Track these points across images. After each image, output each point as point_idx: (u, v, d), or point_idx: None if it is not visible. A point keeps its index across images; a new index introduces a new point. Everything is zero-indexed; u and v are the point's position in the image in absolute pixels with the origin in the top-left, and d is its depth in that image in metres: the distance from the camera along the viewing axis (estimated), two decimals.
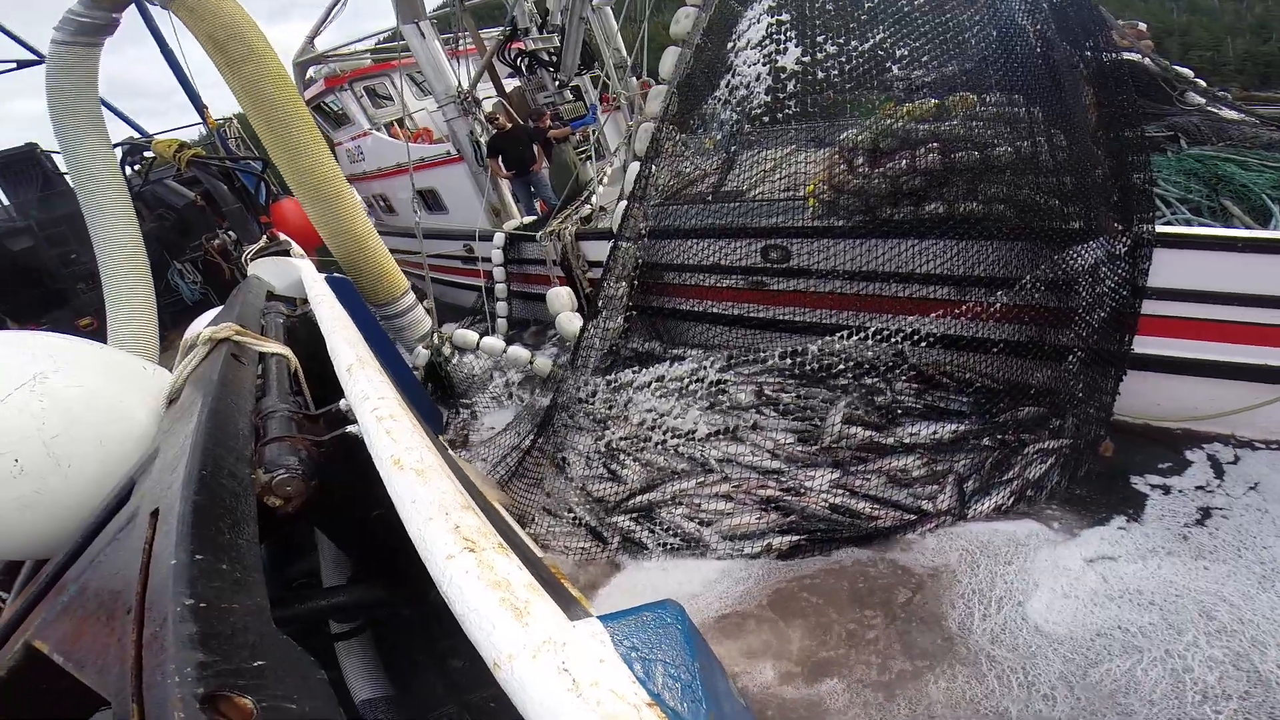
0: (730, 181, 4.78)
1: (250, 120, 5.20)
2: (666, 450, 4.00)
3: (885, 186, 4.00)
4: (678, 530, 3.64)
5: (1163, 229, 3.63)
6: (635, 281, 4.94)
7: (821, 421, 3.86)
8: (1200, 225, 3.80)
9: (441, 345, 6.23)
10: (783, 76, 4.02)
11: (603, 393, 4.50)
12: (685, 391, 4.27)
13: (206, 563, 0.84)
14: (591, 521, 3.83)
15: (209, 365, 1.70)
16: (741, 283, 4.74)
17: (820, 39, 3.94)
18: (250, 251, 3.95)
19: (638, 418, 4.22)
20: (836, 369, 4.03)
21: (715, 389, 4.21)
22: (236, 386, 1.56)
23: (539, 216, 7.81)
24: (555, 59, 8.28)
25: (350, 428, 1.38)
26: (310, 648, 0.81)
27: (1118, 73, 4.16)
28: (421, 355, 6.10)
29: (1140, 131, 4.08)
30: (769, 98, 4.07)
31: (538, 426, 4.53)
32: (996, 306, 3.71)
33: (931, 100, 3.93)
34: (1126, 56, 5.10)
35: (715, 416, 4.05)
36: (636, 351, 5.08)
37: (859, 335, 3.99)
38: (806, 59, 3.95)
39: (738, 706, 0.80)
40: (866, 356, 4.00)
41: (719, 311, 4.96)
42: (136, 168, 9.15)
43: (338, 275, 4.93)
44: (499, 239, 7.48)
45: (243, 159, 9.26)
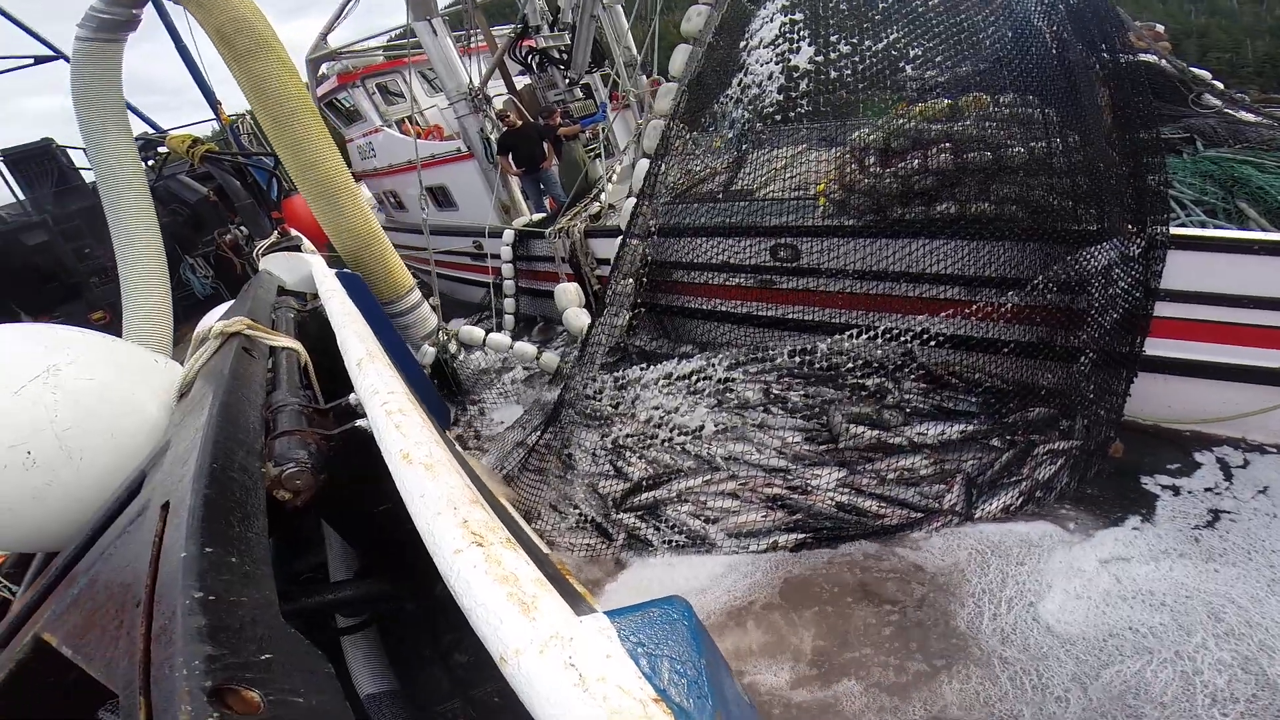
0: (740, 180, 4.77)
1: (256, 115, 5.24)
2: (673, 448, 4.00)
3: (896, 186, 3.98)
4: (683, 528, 3.63)
5: (1177, 231, 3.59)
6: (643, 279, 4.93)
7: (828, 420, 3.84)
8: (1215, 227, 3.76)
9: (448, 342, 6.24)
10: (795, 75, 4.00)
11: (610, 390, 4.50)
12: (693, 389, 4.26)
13: (216, 556, 0.84)
14: (597, 518, 3.83)
15: (220, 359, 1.71)
16: (750, 281, 4.73)
17: (834, 38, 3.92)
18: (262, 247, 3.98)
19: (645, 415, 4.21)
20: (845, 368, 4.01)
21: (722, 387, 4.20)
22: (247, 380, 1.57)
23: (548, 214, 7.82)
24: (566, 57, 8.29)
25: (359, 422, 1.38)
26: (316, 641, 0.81)
27: (1134, 74, 4.12)
28: (429, 354, 6.11)
29: (1156, 133, 4.03)
30: (781, 97, 4.06)
31: (544, 422, 4.53)
32: (1007, 307, 3.68)
33: (944, 100, 3.90)
34: (1143, 58, 5.05)
35: (722, 414, 4.04)
36: (644, 349, 5.08)
37: (868, 335, 3.97)
38: (819, 58, 3.93)
39: (743, 703, 0.79)
40: (875, 356, 3.98)
41: (728, 310, 4.95)
42: (150, 163, 9.26)
43: (348, 271, 4.95)
44: (508, 236, 7.50)
45: (255, 155, 9.33)
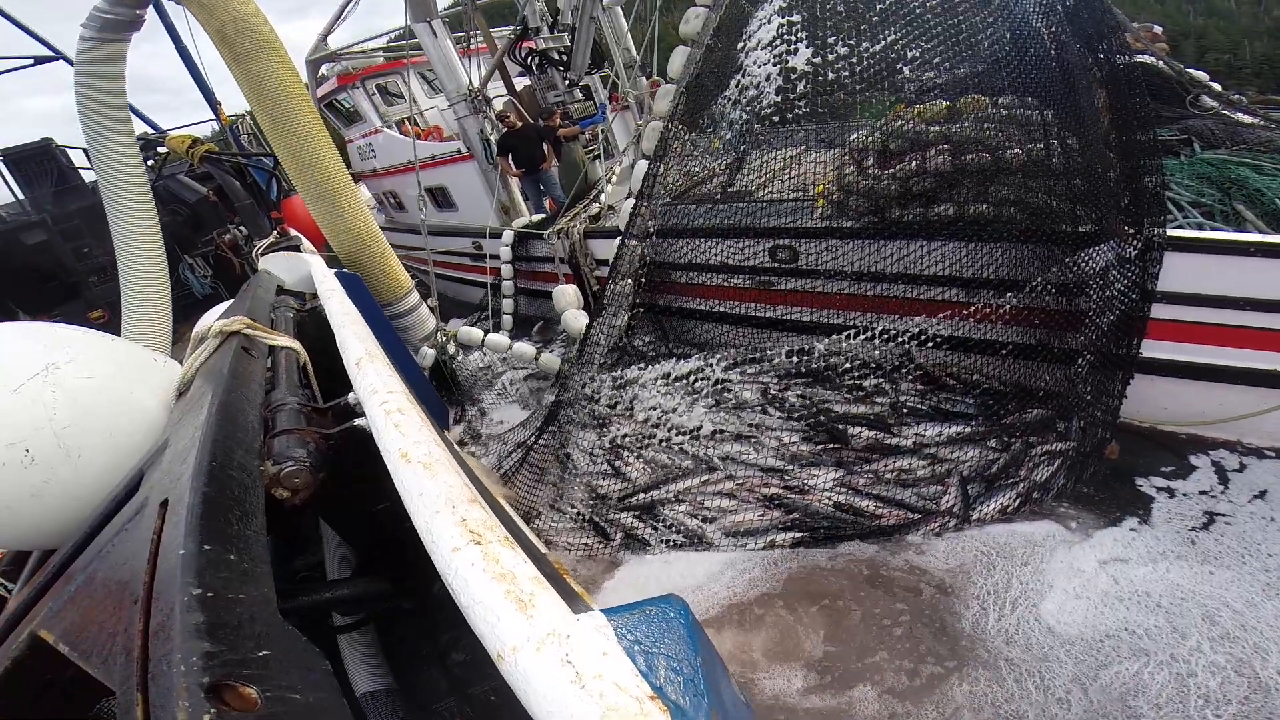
0: (739, 181, 4.78)
1: (256, 115, 5.23)
2: (671, 448, 4.00)
3: (894, 188, 3.99)
4: (681, 527, 3.64)
5: (1174, 233, 3.60)
6: (642, 279, 4.93)
7: (826, 419, 3.84)
8: (1212, 229, 3.77)
9: (446, 343, 6.24)
10: (793, 77, 4.01)
11: (607, 390, 4.50)
12: (691, 389, 4.27)
13: (214, 553, 0.84)
14: (595, 518, 3.84)
15: (219, 358, 1.71)
16: (749, 282, 4.73)
17: (831, 40, 3.92)
18: (261, 247, 3.98)
19: (642, 415, 4.22)
20: (843, 369, 4.02)
21: (720, 387, 4.21)
22: (246, 379, 1.57)
23: (548, 214, 7.83)
24: (565, 58, 8.30)
25: (358, 421, 1.38)
26: (313, 640, 0.81)
27: (1131, 76, 4.13)
28: (428, 356, 6.11)
29: (1153, 135, 4.04)
30: (779, 98, 4.06)
31: (542, 423, 4.54)
32: (1005, 309, 3.69)
33: (943, 102, 3.91)
34: (1141, 59, 5.06)
35: (720, 414, 4.04)
36: (641, 350, 5.08)
37: (866, 336, 3.97)
38: (817, 60, 3.94)
39: (738, 702, 0.80)
40: (873, 357, 3.99)
41: (726, 311, 4.96)
42: (150, 163, 9.25)
43: (347, 271, 4.95)
44: (508, 236, 7.50)
45: (255, 155, 9.33)
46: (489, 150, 8.01)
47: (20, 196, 11.04)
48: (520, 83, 9.37)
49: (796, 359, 4.20)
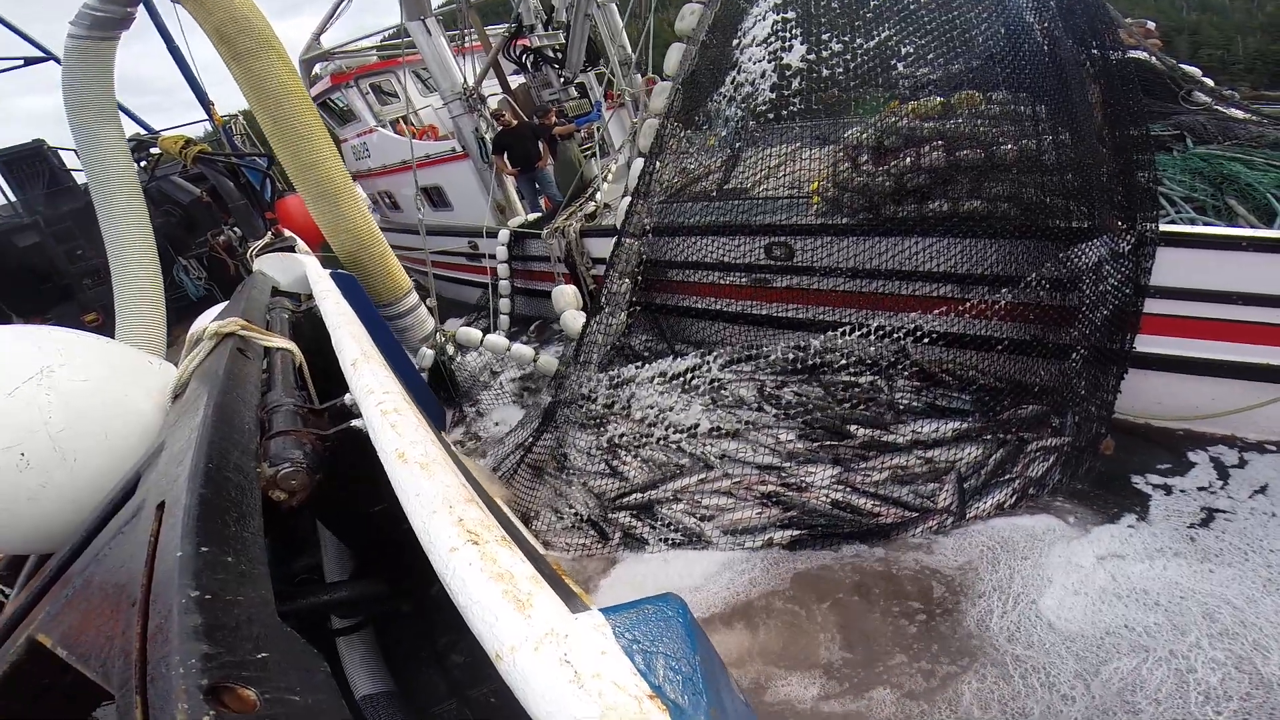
0: (734, 179, 4.78)
1: (255, 115, 5.18)
2: (668, 446, 4.00)
3: (889, 184, 3.99)
4: (678, 525, 3.64)
5: (1167, 228, 3.61)
6: (639, 278, 4.93)
7: (822, 415, 3.85)
8: (1204, 224, 3.78)
9: (445, 344, 6.23)
10: (788, 74, 4.01)
11: (604, 389, 4.50)
12: (687, 387, 4.27)
13: (212, 555, 0.84)
14: (593, 517, 3.84)
15: (214, 360, 1.71)
16: (745, 280, 4.74)
17: (825, 36, 3.93)
18: (255, 248, 3.96)
19: (639, 414, 4.22)
20: (839, 366, 4.03)
21: (717, 385, 4.21)
22: (242, 381, 1.57)
23: (544, 213, 7.82)
24: (560, 56, 8.28)
25: (355, 422, 1.38)
26: (312, 642, 0.81)
27: (1123, 71, 4.14)
28: (427, 356, 6.10)
29: (1145, 130, 4.05)
30: (774, 95, 4.06)
31: (540, 423, 4.53)
32: (1000, 304, 3.70)
33: (937, 98, 3.92)
34: (1133, 55, 5.07)
35: (717, 412, 4.05)
36: (638, 350, 5.08)
37: (862, 332, 3.98)
38: (811, 56, 3.94)
39: (737, 701, 0.80)
40: (869, 353, 3.99)
41: (722, 309, 4.96)
42: (143, 164, 9.20)
43: (342, 272, 4.93)
44: (504, 236, 7.49)
45: (248, 155, 9.29)
46: (484, 149, 8.00)
47: (12, 198, 10.97)
48: (515, 81, 9.35)
49: (793, 356, 4.21)
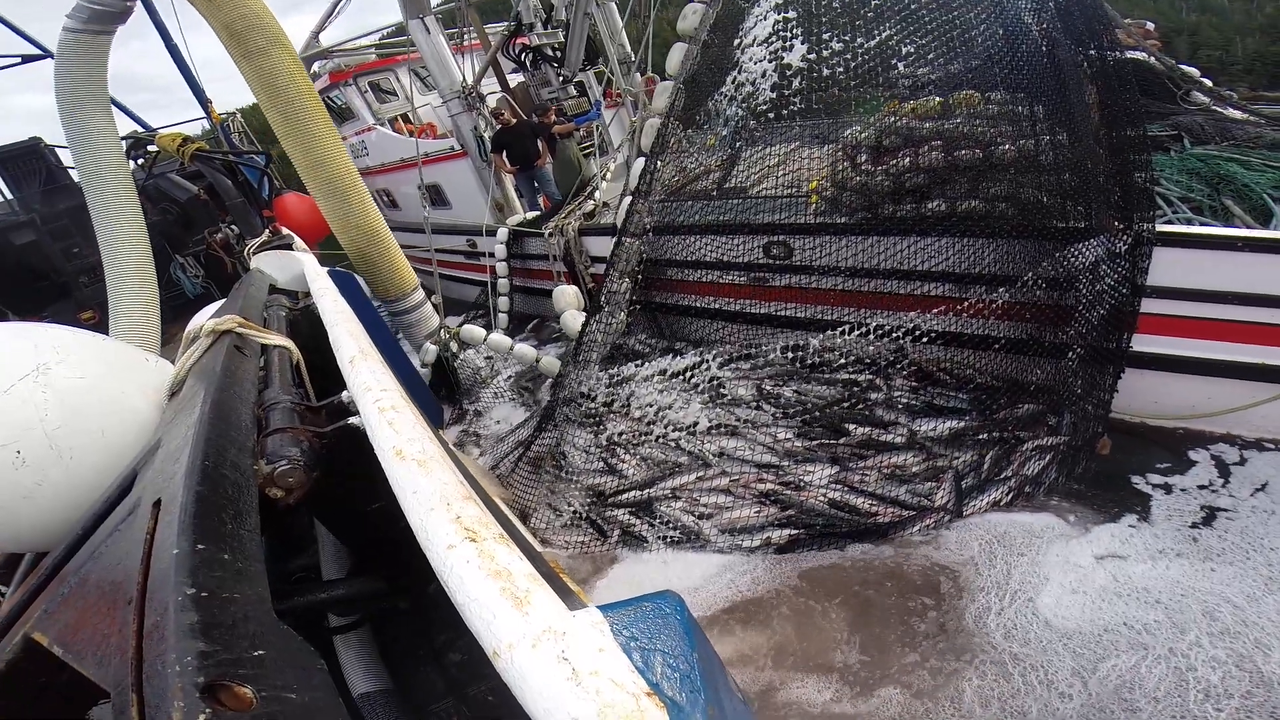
0: (734, 178, 4.78)
1: (265, 113, 5.17)
2: (666, 445, 4.01)
3: (887, 184, 4.00)
4: (677, 523, 3.65)
5: (1163, 228, 3.62)
6: (639, 277, 4.93)
7: (820, 414, 3.85)
8: (1201, 224, 3.79)
9: (450, 341, 6.22)
10: (788, 73, 4.01)
11: (604, 387, 4.50)
12: (686, 386, 4.27)
13: (208, 553, 0.84)
14: (592, 515, 3.84)
15: (211, 357, 1.70)
16: (744, 279, 4.74)
17: (826, 36, 3.93)
18: (253, 245, 3.95)
19: (638, 412, 4.22)
20: (837, 365, 4.03)
21: (715, 383, 4.21)
22: (239, 378, 1.56)
23: (543, 212, 7.81)
24: (559, 54, 8.27)
25: (352, 419, 1.38)
26: (309, 640, 0.81)
27: (1121, 72, 4.15)
28: (430, 352, 6.10)
29: (1142, 130, 4.06)
30: (774, 94, 4.07)
31: (539, 421, 4.53)
32: (997, 304, 3.71)
33: (935, 98, 3.92)
34: (1132, 55, 5.08)
35: (715, 411, 4.05)
36: (637, 349, 5.08)
37: (860, 331, 3.99)
38: (812, 56, 3.94)
39: (735, 699, 0.80)
40: (867, 352, 4.00)
41: (721, 307, 4.96)
42: (140, 162, 9.15)
43: (340, 269, 4.93)
44: (502, 234, 7.48)
45: (246, 153, 9.26)
46: (483, 147, 7.98)
47: (8, 196, 10.93)
48: (514, 79, 9.34)
49: (791, 355, 4.21)
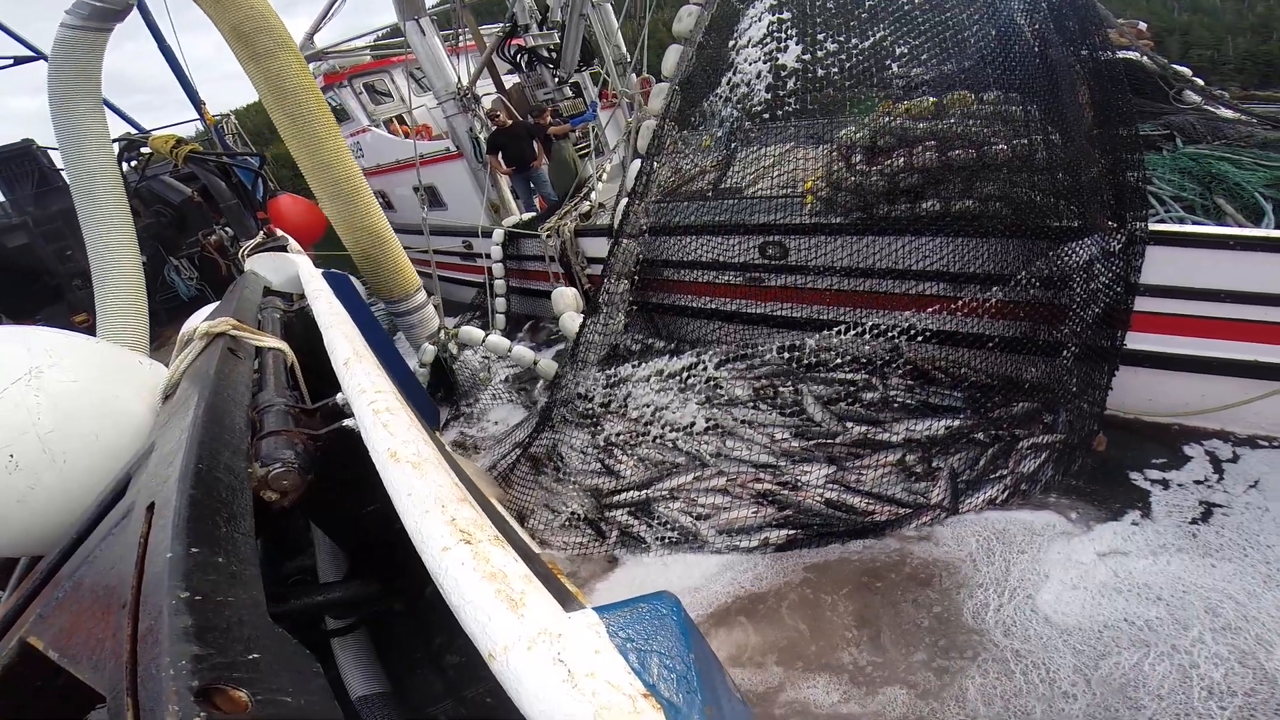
0: (729, 178, 4.78)
1: (272, 115, 5.20)
2: (663, 445, 4.01)
3: (882, 184, 4.01)
4: (675, 524, 3.65)
5: (1156, 227, 3.64)
6: (635, 278, 4.93)
7: (807, 413, 3.86)
8: (1194, 223, 3.82)
9: (448, 342, 6.21)
10: (783, 74, 4.02)
11: (601, 388, 4.50)
12: (683, 386, 4.28)
13: (202, 556, 0.84)
14: (590, 516, 3.84)
15: (205, 360, 1.70)
16: (740, 279, 4.74)
17: (821, 37, 3.94)
18: (247, 247, 3.93)
19: (635, 413, 4.22)
20: (833, 364, 4.04)
21: (712, 384, 4.22)
22: (233, 381, 1.56)
23: (538, 213, 7.80)
24: (555, 56, 8.27)
25: (347, 421, 1.37)
26: (306, 643, 0.81)
27: (1113, 72, 4.17)
28: (428, 352, 6.10)
29: (1135, 130, 4.08)
30: (769, 95, 4.08)
31: (536, 423, 4.53)
32: (991, 302, 3.72)
33: (929, 98, 3.93)
34: (1124, 55, 5.11)
35: (712, 411, 4.05)
36: (634, 349, 5.08)
37: (855, 331, 4.00)
38: (807, 57, 3.95)
39: (734, 699, 0.80)
40: (863, 352, 4.01)
41: (717, 308, 4.97)
42: (133, 164, 9.11)
43: (335, 271, 4.91)
44: (498, 235, 7.47)
45: (240, 154, 9.23)
46: (478, 148, 7.97)
47: (1, 199, 10.86)
48: (510, 80, 9.33)
49: (788, 354, 4.22)
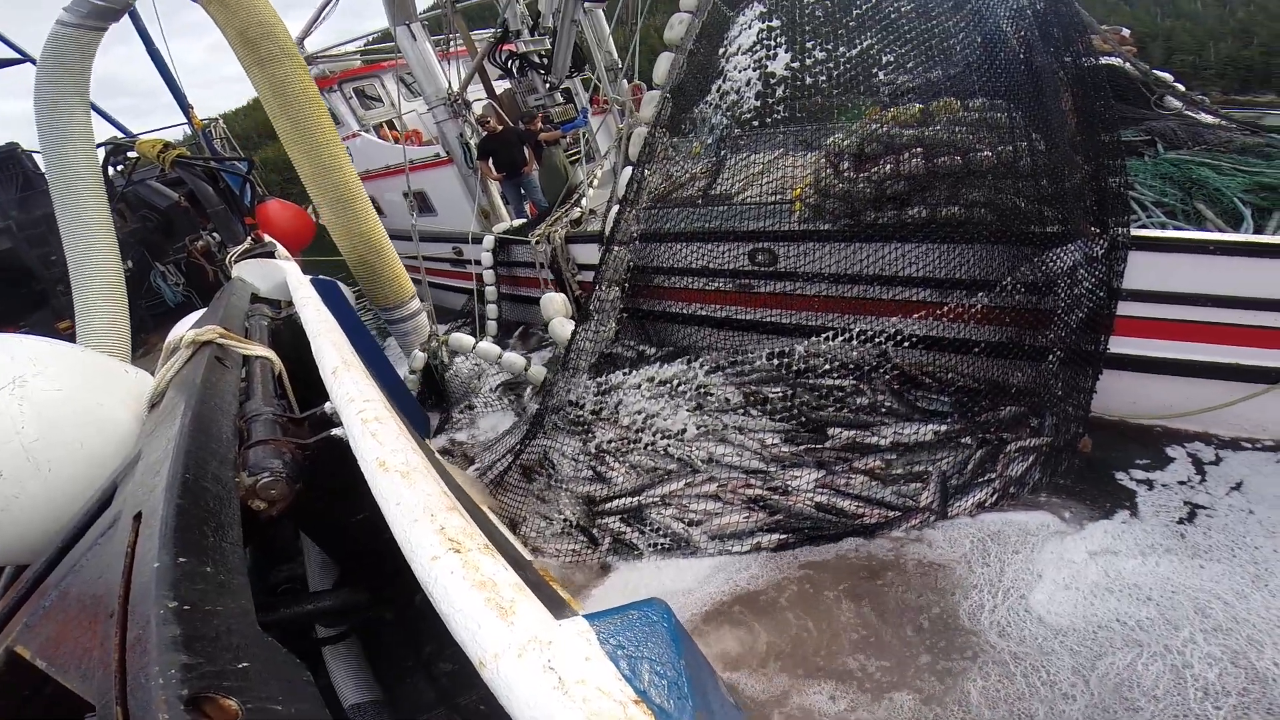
0: (720, 185, 4.81)
1: (274, 120, 5.22)
2: (655, 452, 4.01)
3: (869, 191, 4.04)
4: (667, 530, 3.65)
5: (1138, 232, 3.70)
6: (626, 285, 4.95)
7: (806, 418, 3.88)
8: (1175, 228, 3.88)
9: (439, 349, 6.20)
10: (772, 82, 4.05)
11: (592, 395, 4.50)
12: (674, 393, 4.28)
13: (190, 566, 0.83)
14: (583, 523, 3.83)
15: (192, 368, 1.69)
16: (729, 286, 4.77)
17: (809, 45, 3.97)
18: (235, 253, 3.91)
19: (627, 420, 4.22)
20: (822, 370, 4.07)
21: (702, 390, 4.23)
22: (219, 390, 1.55)
23: (529, 219, 7.80)
24: (546, 61, 8.28)
25: (335, 430, 1.37)
26: (298, 652, 0.81)
27: (1096, 78, 4.23)
28: (419, 359, 6.08)
29: (1117, 136, 4.15)
30: (758, 102, 4.11)
31: (528, 430, 4.52)
32: (977, 308, 3.76)
33: (916, 105, 3.98)
34: (1107, 61, 5.18)
35: (703, 417, 4.06)
36: (626, 355, 5.09)
37: (844, 337, 4.02)
38: (795, 64, 3.98)
39: (727, 705, 0.80)
40: (851, 357, 4.04)
41: (707, 314, 4.98)
42: (119, 168, 9.02)
43: (324, 277, 4.89)
44: (489, 241, 7.46)
45: (228, 159, 9.16)
46: (469, 154, 7.97)
47: None
48: (500, 86, 9.34)
49: (777, 361, 4.24)
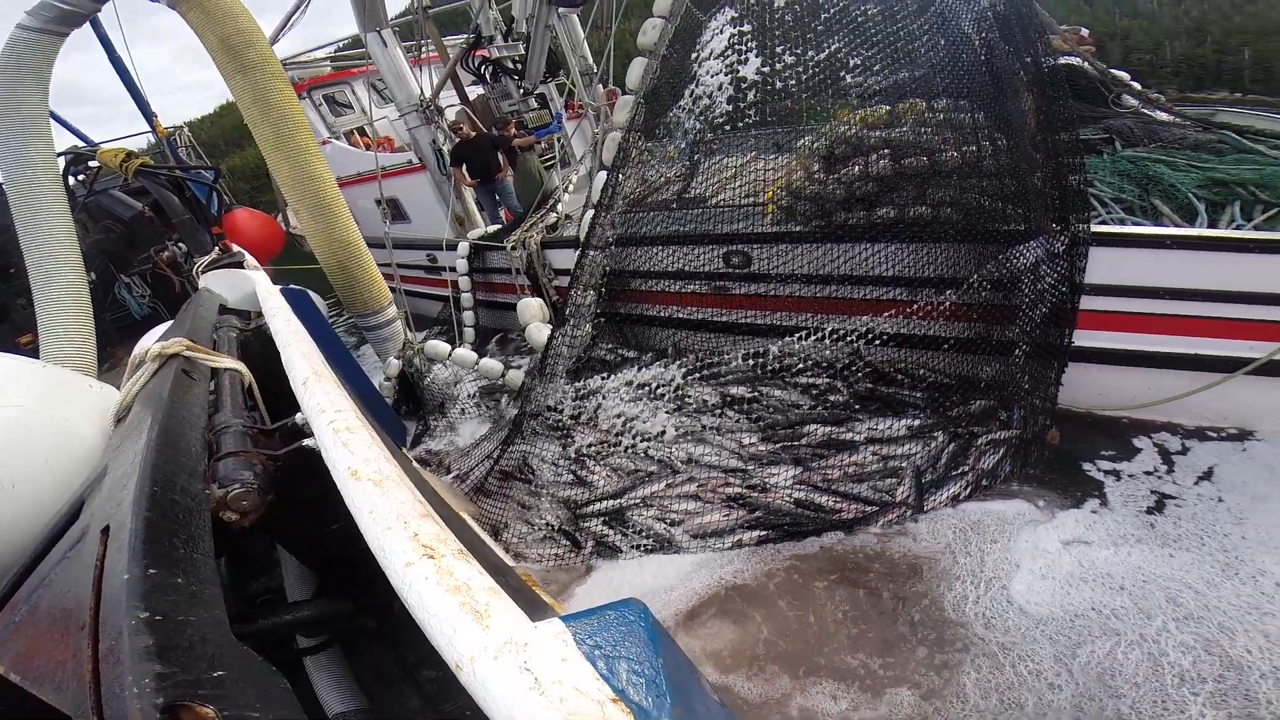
0: (693, 189, 4.85)
1: (254, 128, 5.20)
2: (635, 454, 4.03)
3: (840, 192, 4.12)
4: (649, 531, 3.67)
5: (1098, 228, 3.81)
6: (603, 289, 4.96)
7: (782, 417, 3.93)
8: (1133, 224, 4.01)
9: (414, 356, 6.14)
10: (744, 86, 4.10)
11: (570, 400, 4.50)
12: (653, 395, 4.31)
13: (160, 577, 0.83)
14: (566, 527, 3.83)
15: (158, 382, 1.66)
16: (705, 288, 4.81)
17: (779, 49, 4.04)
18: (202, 264, 3.84)
19: (606, 423, 4.23)
20: (796, 369, 4.12)
21: (680, 392, 4.26)
22: (187, 403, 1.53)
23: (504, 225, 7.77)
24: (520, 67, 8.26)
25: (307, 441, 1.37)
26: (278, 663, 0.81)
27: (1056, 78, 4.36)
28: (394, 365, 6.02)
29: (1076, 135, 4.27)
30: (730, 106, 4.16)
31: (506, 436, 4.50)
32: (945, 305, 3.85)
33: (883, 107, 4.06)
34: (1066, 61, 5.33)
35: (682, 419, 4.09)
36: (604, 359, 5.10)
37: (817, 336, 4.09)
38: (766, 69, 4.04)
39: (710, 702, 0.81)
40: (825, 356, 4.10)
41: (684, 316, 5.02)
42: (80, 178, 8.79)
43: (294, 287, 4.82)
44: (463, 248, 7.41)
45: (194, 168, 8.98)
46: (442, 161, 7.91)
47: None
48: (474, 92, 9.29)
49: (752, 361, 4.29)
